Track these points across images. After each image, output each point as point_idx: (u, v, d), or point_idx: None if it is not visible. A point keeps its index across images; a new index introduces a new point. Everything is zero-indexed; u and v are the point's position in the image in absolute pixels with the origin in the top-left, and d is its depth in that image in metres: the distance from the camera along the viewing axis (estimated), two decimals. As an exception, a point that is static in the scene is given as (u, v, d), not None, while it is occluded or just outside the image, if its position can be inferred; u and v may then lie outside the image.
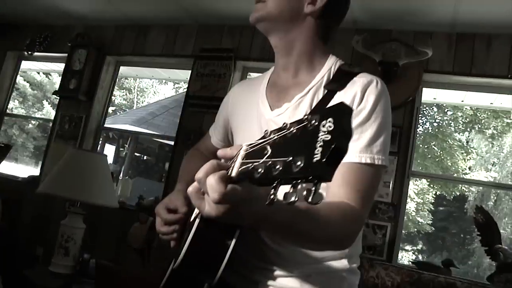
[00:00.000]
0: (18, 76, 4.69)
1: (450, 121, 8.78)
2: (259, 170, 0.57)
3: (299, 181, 0.52)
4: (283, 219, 0.78)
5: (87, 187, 2.64)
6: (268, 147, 0.58)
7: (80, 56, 3.90)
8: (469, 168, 10.85)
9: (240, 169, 0.63)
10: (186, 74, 4.03)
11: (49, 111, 15.51)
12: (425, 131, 10.73)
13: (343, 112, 0.51)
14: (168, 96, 9.37)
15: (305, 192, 0.51)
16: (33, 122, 15.89)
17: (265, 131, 0.62)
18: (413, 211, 11.15)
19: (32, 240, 3.61)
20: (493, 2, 2.55)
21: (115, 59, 4.00)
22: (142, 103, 16.23)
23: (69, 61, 3.92)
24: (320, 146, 0.49)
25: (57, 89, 3.99)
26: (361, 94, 1.00)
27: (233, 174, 0.65)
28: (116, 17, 3.79)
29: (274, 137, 0.59)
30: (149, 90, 16.59)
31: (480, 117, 9.52)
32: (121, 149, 9.50)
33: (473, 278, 3.08)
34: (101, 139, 3.97)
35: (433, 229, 12.79)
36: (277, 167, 0.53)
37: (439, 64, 2.91)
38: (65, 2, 3.71)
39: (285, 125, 0.58)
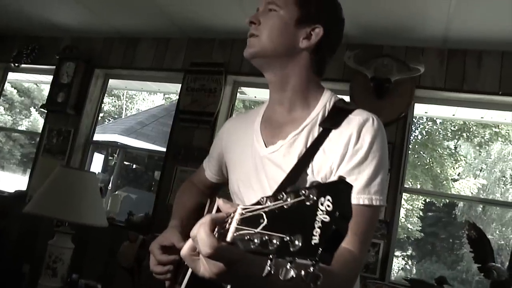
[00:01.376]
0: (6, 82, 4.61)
1: (439, 130, 8.83)
2: (255, 241, 0.55)
3: (297, 259, 0.50)
4: (285, 283, 0.75)
5: (75, 206, 2.57)
6: (264, 216, 0.56)
7: (68, 69, 3.84)
8: (458, 174, 10.92)
9: (235, 234, 0.61)
10: (176, 86, 4.00)
11: (36, 118, 15.34)
12: (415, 139, 10.80)
13: (342, 191, 0.49)
14: (157, 105, 9.28)
15: (303, 272, 0.49)
16: (20, 128, 15.71)
17: (261, 198, 0.59)
18: (402, 217, 11.20)
19: (18, 257, 3.53)
20: (484, 20, 2.55)
21: (104, 72, 3.95)
22: (131, 110, 16.14)
23: (57, 74, 3.86)
24: (318, 228, 0.47)
25: (45, 100, 3.92)
26: (357, 134, 0.98)
27: (228, 238, 0.62)
28: (104, 29, 3.75)
29: (270, 206, 0.56)
30: (138, 97, 16.50)
31: (468, 126, 9.61)
32: (110, 158, 9.41)
33: (462, 283, 3.07)
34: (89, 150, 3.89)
35: (423, 235, 12.86)
36: (274, 242, 0.52)
37: (431, 80, 2.90)
38: (52, 14, 3.65)
39: (282, 196, 0.55)
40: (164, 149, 3.53)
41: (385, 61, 2.91)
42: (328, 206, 0.47)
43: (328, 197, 0.48)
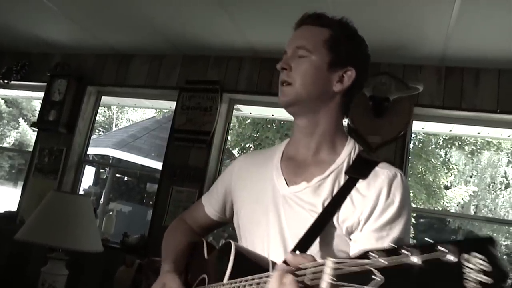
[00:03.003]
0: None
1: (432, 139, 8.87)
2: None
3: None
4: None
5: (70, 232, 2.50)
6: (378, 273, 0.50)
7: (60, 86, 3.77)
8: (450, 183, 10.99)
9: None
10: (170, 103, 3.94)
11: (25, 129, 15.13)
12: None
13: (494, 249, 0.44)
14: (149, 117, 9.19)
15: None
16: (8, 140, 15.48)
17: (364, 252, 0.54)
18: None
19: (7, 283, 3.43)
20: (481, 38, 2.54)
21: (97, 89, 3.88)
22: (122, 119, 16.01)
23: (48, 91, 3.79)
24: None
25: (34, 111, 3.86)
26: (387, 189, 0.97)
27: None
28: (96, 46, 3.68)
29: (381, 260, 0.51)
30: (129, 107, 16.38)
31: (460, 134, 9.65)
32: (101, 170, 9.30)
33: None
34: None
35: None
36: None
37: (429, 97, 2.89)
38: (42, 31, 3.59)
39: (394, 248, 0.50)
40: (156, 162, 3.48)
41: (383, 79, 2.88)
42: (482, 264, 0.43)
43: (476, 254, 0.43)
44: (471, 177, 12.73)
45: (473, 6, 2.21)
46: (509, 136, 3.36)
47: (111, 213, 3.62)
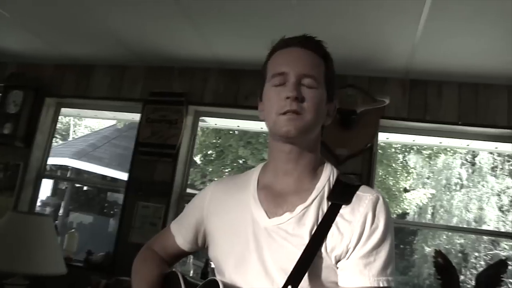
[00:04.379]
0: None
1: (392, 144, 9.12)
2: None
3: None
4: None
5: (29, 256, 2.38)
6: None
7: (16, 97, 3.58)
8: (409, 186, 11.30)
9: None
10: (133, 115, 3.84)
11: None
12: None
13: None
14: (108, 126, 8.96)
15: None
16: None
17: None
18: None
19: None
20: (444, 52, 2.62)
21: (55, 101, 3.72)
22: (79, 126, 15.53)
23: (2, 103, 3.60)
24: None
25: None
26: (372, 214, 0.98)
27: None
28: (55, 56, 3.53)
29: None
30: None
31: (422, 144, 9.95)
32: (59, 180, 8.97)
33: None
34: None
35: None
36: None
37: (395, 110, 2.94)
38: (-5, 39, 3.40)
39: None
40: (118, 172, 3.37)
41: (349, 91, 2.91)
42: None
43: None
44: (428, 178, 13.16)
45: (437, 22, 2.27)
46: (468, 145, 3.47)
47: (73, 230, 3.46)
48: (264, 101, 1.09)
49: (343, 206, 0.99)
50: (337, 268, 0.97)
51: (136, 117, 3.57)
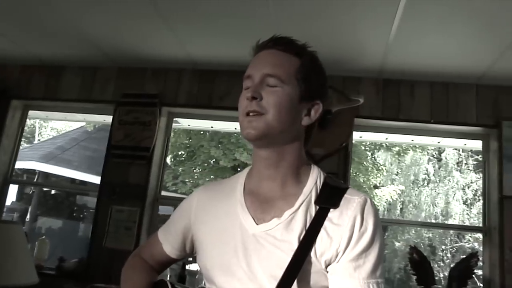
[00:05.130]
0: None
1: (362, 142, 9.28)
2: None
3: None
4: None
5: (-1, 266, 2.28)
6: None
7: (-21, 100, 3.45)
8: (379, 182, 11.51)
9: None
10: (104, 117, 3.76)
11: None
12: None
13: None
14: (76, 127, 8.70)
15: None
16: None
17: None
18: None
19: None
20: (416, 53, 2.67)
21: (23, 104, 3.59)
22: (45, 128, 15.11)
23: (-35, 106, 3.45)
24: None
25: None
26: (360, 217, 0.97)
27: None
28: (22, 56, 3.40)
29: None
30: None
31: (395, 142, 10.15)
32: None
33: (386, 283, 3.22)
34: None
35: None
36: None
37: (369, 109, 2.98)
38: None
39: None
40: (87, 175, 3.29)
41: (324, 91, 2.92)
42: None
43: None
44: (396, 175, 13.44)
45: (410, 23, 2.30)
46: (438, 142, 3.55)
47: (44, 237, 3.35)
48: None
49: (331, 209, 0.99)
50: (327, 272, 0.97)
51: (107, 119, 3.49)
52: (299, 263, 0.94)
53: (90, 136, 7.68)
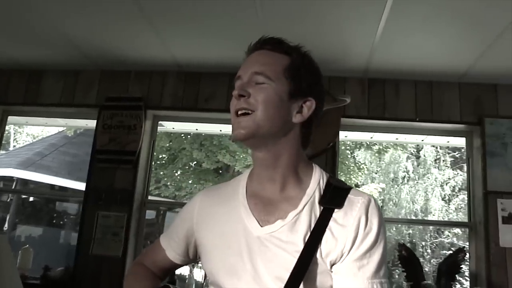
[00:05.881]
0: None
1: (343, 141, 9.36)
2: None
3: None
4: None
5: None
6: None
7: (-44, 106, 3.35)
8: (361, 181, 11.64)
9: None
10: (87, 121, 3.69)
11: None
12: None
13: None
14: (54, 133, 8.50)
15: None
16: None
17: None
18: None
19: None
20: (401, 53, 2.71)
21: (2, 109, 3.50)
22: (20, 134, 14.76)
23: None
24: None
25: None
26: (365, 217, 0.98)
27: None
28: (0, 60, 3.32)
29: None
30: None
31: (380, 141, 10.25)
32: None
33: None
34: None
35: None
36: None
37: (355, 109, 3.01)
38: None
39: None
40: (67, 181, 3.22)
41: (310, 91, 2.94)
42: None
43: None
44: (376, 173, 13.60)
45: (396, 23, 2.33)
46: (422, 140, 3.60)
47: (27, 246, 3.27)
48: None
49: (335, 210, 0.99)
50: (332, 272, 0.96)
51: (89, 123, 3.43)
52: (305, 264, 0.93)
53: (70, 141, 7.52)
